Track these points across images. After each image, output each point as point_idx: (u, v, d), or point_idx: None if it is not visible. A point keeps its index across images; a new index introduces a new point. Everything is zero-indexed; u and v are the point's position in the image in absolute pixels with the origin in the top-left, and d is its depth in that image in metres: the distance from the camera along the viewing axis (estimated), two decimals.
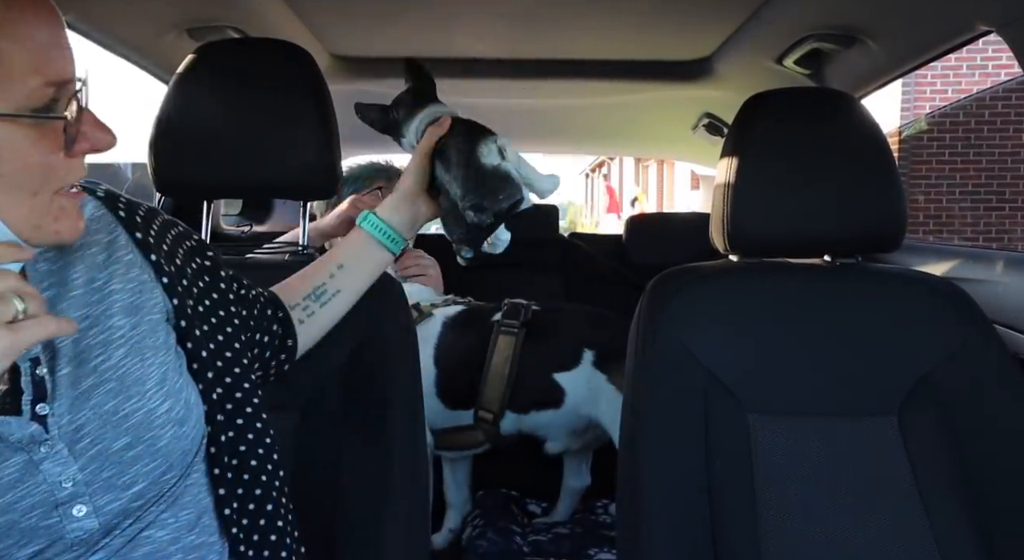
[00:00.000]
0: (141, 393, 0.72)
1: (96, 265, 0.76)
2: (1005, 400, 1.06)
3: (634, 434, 1.07)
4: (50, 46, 0.63)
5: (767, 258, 1.20)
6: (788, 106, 1.17)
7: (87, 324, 0.73)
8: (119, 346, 0.73)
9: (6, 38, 0.59)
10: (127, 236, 0.80)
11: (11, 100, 0.60)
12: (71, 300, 0.73)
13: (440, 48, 1.77)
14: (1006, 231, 7.43)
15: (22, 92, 0.61)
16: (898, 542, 1.01)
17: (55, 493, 0.66)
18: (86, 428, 0.69)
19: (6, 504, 0.64)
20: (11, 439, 0.65)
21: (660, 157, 11.15)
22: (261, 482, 0.83)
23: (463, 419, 1.78)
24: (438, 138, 1.00)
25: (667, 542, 1.00)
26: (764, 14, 1.45)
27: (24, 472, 0.65)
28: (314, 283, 0.98)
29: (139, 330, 0.75)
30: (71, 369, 0.70)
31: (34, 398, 0.67)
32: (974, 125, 7.46)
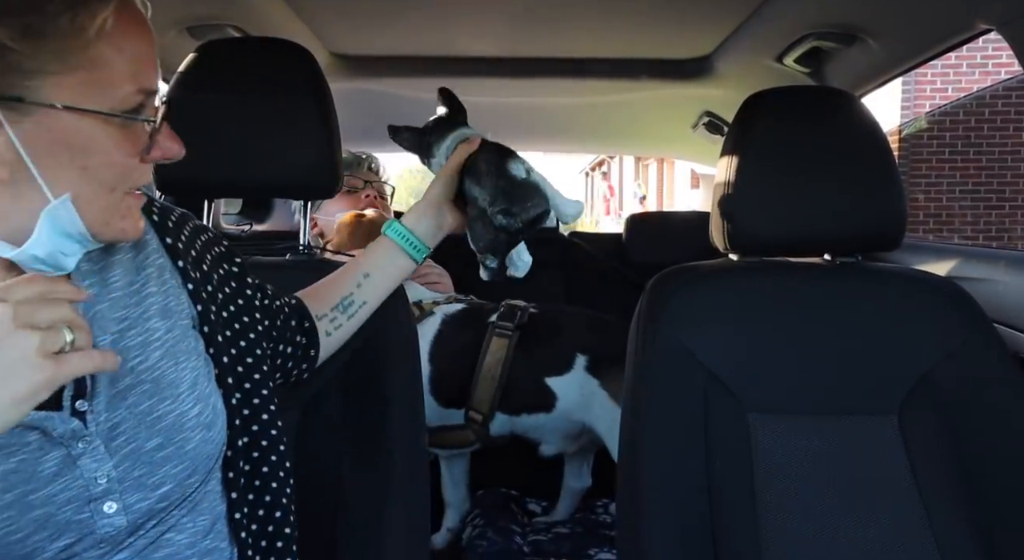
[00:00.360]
0: (174, 396, 0.74)
1: (133, 268, 0.78)
2: (1005, 399, 1.06)
3: (634, 433, 1.07)
4: (145, 58, 0.68)
5: (767, 257, 1.20)
6: (788, 105, 1.17)
7: (126, 325, 0.74)
8: (156, 348, 0.75)
9: (112, 46, 0.64)
10: (158, 240, 0.82)
11: (107, 101, 0.65)
12: (111, 301, 0.75)
13: (440, 47, 1.77)
14: (1006, 230, 7.43)
15: (117, 96, 0.65)
16: (898, 541, 1.01)
17: (90, 488, 0.68)
18: (122, 427, 0.71)
19: (45, 497, 0.66)
20: (54, 433, 0.67)
21: (660, 156, 11.14)
22: (271, 489, 0.84)
23: (455, 418, 1.78)
24: (468, 154, 1.01)
25: (667, 541, 1.00)
26: (764, 12, 1.45)
27: (63, 466, 0.67)
28: (342, 293, 0.98)
29: (173, 334, 0.77)
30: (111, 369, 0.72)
31: (74, 394, 0.69)
32: (974, 124, 7.46)
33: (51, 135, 0.62)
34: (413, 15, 1.55)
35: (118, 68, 0.65)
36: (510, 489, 2.24)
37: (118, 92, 0.65)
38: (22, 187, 0.63)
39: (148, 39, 0.69)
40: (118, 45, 0.65)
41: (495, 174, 0.97)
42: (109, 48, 0.64)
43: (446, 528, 2.05)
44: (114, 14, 0.64)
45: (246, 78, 1.09)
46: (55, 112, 0.62)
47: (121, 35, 0.65)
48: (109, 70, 0.64)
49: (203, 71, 1.08)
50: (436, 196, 1.01)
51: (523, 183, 0.97)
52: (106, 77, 0.64)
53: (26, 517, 0.64)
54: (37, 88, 0.61)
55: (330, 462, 1.02)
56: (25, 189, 0.63)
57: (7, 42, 0.58)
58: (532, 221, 0.97)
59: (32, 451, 0.66)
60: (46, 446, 0.66)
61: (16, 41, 0.58)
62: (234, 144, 1.08)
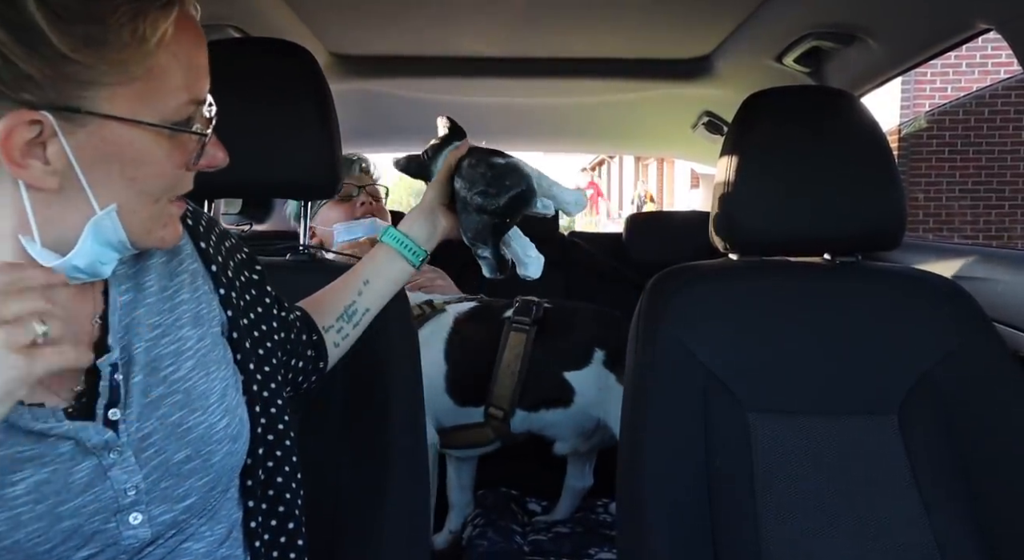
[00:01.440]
0: (204, 407, 0.73)
1: (167, 273, 0.78)
2: (1005, 398, 1.06)
3: (634, 433, 1.07)
4: (199, 67, 0.68)
5: (767, 257, 1.20)
6: (788, 104, 1.17)
7: (159, 333, 0.74)
8: (188, 358, 0.74)
9: (170, 57, 0.63)
10: (192, 245, 0.81)
11: (161, 112, 0.64)
12: (147, 306, 0.74)
13: (440, 47, 1.77)
14: (1006, 229, 7.43)
15: (170, 106, 0.64)
16: (898, 540, 1.01)
17: (119, 500, 0.67)
18: (152, 438, 0.70)
19: (75, 508, 0.65)
20: (88, 444, 0.66)
21: (660, 155, 11.14)
22: (285, 500, 0.84)
23: (472, 416, 1.78)
24: (457, 158, 1.02)
25: (667, 540, 1.00)
26: (764, 12, 1.45)
27: (94, 477, 0.66)
28: (344, 302, 0.98)
29: (204, 342, 0.77)
30: (143, 377, 0.71)
31: (107, 403, 0.68)
32: (974, 123, 7.46)
33: (104, 146, 0.62)
34: (413, 15, 1.55)
35: (174, 79, 0.64)
36: (510, 489, 2.24)
37: (172, 103, 0.64)
38: (70, 195, 0.62)
39: (203, 48, 0.68)
40: (175, 55, 0.64)
41: (476, 165, 0.97)
42: (167, 59, 0.63)
43: (448, 530, 2.05)
44: (175, 21, 0.63)
45: (246, 78, 1.09)
46: (109, 123, 0.61)
47: (178, 45, 0.64)
48: (165, 81, 0.64)
49: None
50: (430, 201, 1.01)
51: (501, 166, 0.96)
52: (162, 88, 0.63)
53: (55, 528, 0.64)
54: (93, 98, 0.60)
55: (330, 462, 1.02)
56: (72, 198, 0.62)
57: (68, 52, 0.57)
58: (513, 201, 0.95)
59: (64, 462, 0.65)
60: (78, 456, 0.65)
61: (77, 51, 0.57)
62: (234, 144, 1.07)
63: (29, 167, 0.59)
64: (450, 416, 1.79)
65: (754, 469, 1.04)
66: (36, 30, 0.56)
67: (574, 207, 1.02)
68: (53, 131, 0.59)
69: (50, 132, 0.59)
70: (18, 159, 0.59)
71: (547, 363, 1.73)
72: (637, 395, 1.09)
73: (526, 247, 1.02)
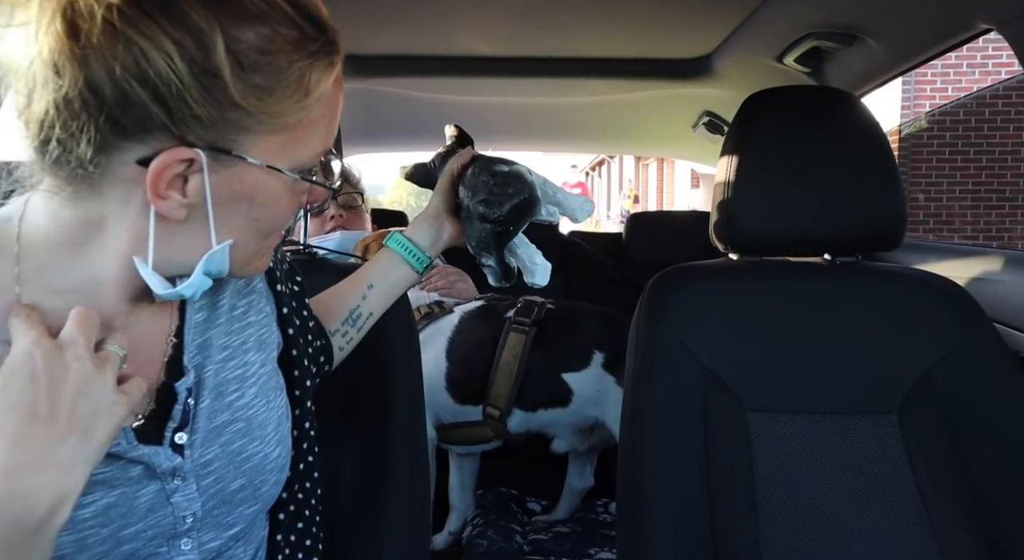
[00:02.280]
0: (263, 437, 0.73)
1: (237, 291, 0.78)
2: (1005, 398, 1.06)
3: (634, 432, 1.07)
4: (335, 121, 0.68)
5: (767, 257, 1.20)
6: (788, 104, 1.17)
7: (226, 355, 0.73)
8: (252, 384, 0.74)
9: (320, 109, 0.64)
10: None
11: (299, 161, 0.64)
12: (218, 327, 0.74)
13: (441, 46, 1.77)
14: (1006, 230, 7.43)
15: (307, 155, 0.65)
16: (898, 541, 1.01)
17: (177, 526, 0.67)
18: (213, 465, 0.69)
19: (136, 532, 0.64)
20: (158, 469, 0.65)
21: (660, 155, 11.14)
22: (305, 516, 0.84)
23: (471, 415, 1.78)
24: (460, 164, 1.01)
25: (667, 540, 1.00)
26: (764, 12, 1.45)
27: (156, 502, 0.66)
28: (349, 306, 0.98)
29: (266, 369, 0.76)
30: (210, 401, 0.70)
31: (177, 427, 0.67)
32: (974, 124, 7.46)
33: (240, 187, 0.62)
34: (413, 15, 1.55)
35: (319, 131, 0.65)
36: (510, 489, 2.24)
37: (309, 153, 0.65)
38: (194, 227, 0.62)
39: (341, 102, 0.68)
40: (325, 108, 0.64)
41: (479, 173, 0.97)
42: (318, 111, 0.63)
43: (448, 531, 2.05)
44: (335, 79, 0.63)
45: None
46: (251, 167, 0.61)
47: (330, 99, 0.64)
48: (311, 132, 0.64)
49: None
50: (434, 207, 1.01)
51: (504, 174, 0.96)
52: (307, 138, 0.64)
53: (116, 551, 0.63)
54: (244, 142, 0.60)
55: (330, 462, 1.02)
56: (195, 230, 0.62)
57: (238, 99, 0.57)
58: (516, 209, 0.94)
59: (132, 485, 0.64)
60: (144, 480, 0.65)
61: (246, 99, 0.58)
62: None
63: (168, 199, 0.59)
64: (449, 413, 1.79)
65: (754, 469, 1.04)
66: (218, 75, 0.56)
67: (580, 213, 1.00)
68: (199, 168, 0.59)
69: (196, 168, 0.59)
70: (162, 191, 0.59)
71: (545, 364, 1.73)
72: (637, 395, 1.09)
73: (532, 254, 1.01)
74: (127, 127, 0.56)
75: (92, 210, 0.61)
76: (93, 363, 0.57)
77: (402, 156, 4.63)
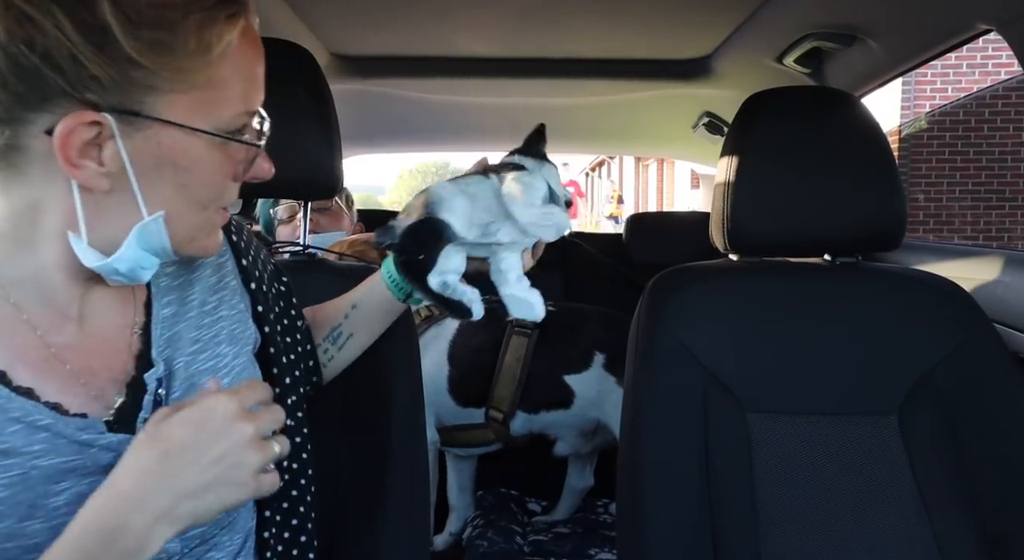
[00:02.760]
0: None
1: (208, 287, 0.78)
2: (1005, 399, 1.06)
3: (634, 433, 1.07)
4: (257, 79, 0.68)
5: (767, 257, 1.20)
6: (788, 105, 1.16)
7: (198, 348, 0.74)
8: (224, 375, 0.74)
9: (231, 67, 0.64)
10: (234, 262, 0.81)
11: (215, 121, 0.64)
12: (188, 321, 0.74)
13: (440, 47, 1.77)
14: (1006, 230, 7.43)
15: (226, 116, 0.65)
16: (898, 542, 1.01)
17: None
18: None
19: None
20: None
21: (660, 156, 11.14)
22: (299, 513, 0.84)
23: (474, 417, 1.78)
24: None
25: (667, 540, 1.00)
26: (764, 13, 1.45)
27: None
28: (332, 323, 0.97)
29: (239, 361, 0.77)
30: (181, 393, 0.71)
31: (147, 417, 0.68)
32: (974, 124, 7.46)
33: (159, 151, 0.61)
34: (413, 15, 1.55)
35: (232, 89, 0.64)
36: (510, 489, 2.24)
37: (227, 113, 0.65)
38: (120, 198, 0.62)
39: (262, 60, 0.69)
40: (236, 66, 0.64)
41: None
42: (228, 69, 0.63)
43: (448, 532, 2.05)
44: (240, 32, 0.63)
45: None
46: (167, 128, 0.61)
47: (240, 56, 0.64)
48: (224, 91, 0.64)
49: None
50: None
51: (421, 193, 0.86)
52: (220, 97, 0.64)
53: None
54: (153, 103, 0.60)
55: (330, 462, 1.02)
56: (122, 201, 0.62)
57: (135, 56, 0.57)
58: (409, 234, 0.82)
59: (104, 473, 0.64)
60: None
61: (143, 56, 0.57)
62: None
63: (83, 167, 0.59)
64: (451, 415, 1.79)
65: (754, 469, 1.04)
66: (107, 32, 0.56)
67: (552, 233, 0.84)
68: (111, 133, 0.59)
69: (108, 134, 0.59)
70: (74, 159, 0.59)
71: (547, 366, 1.74)
72: (637, 395, 1.09)
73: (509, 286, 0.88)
74: (25, 96, 0.56)
75: (24, 195, 0.61)
76: (256, 446, 0.60)
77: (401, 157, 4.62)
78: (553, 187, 0.87)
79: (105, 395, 0.67)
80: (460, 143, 2.96)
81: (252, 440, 0.60)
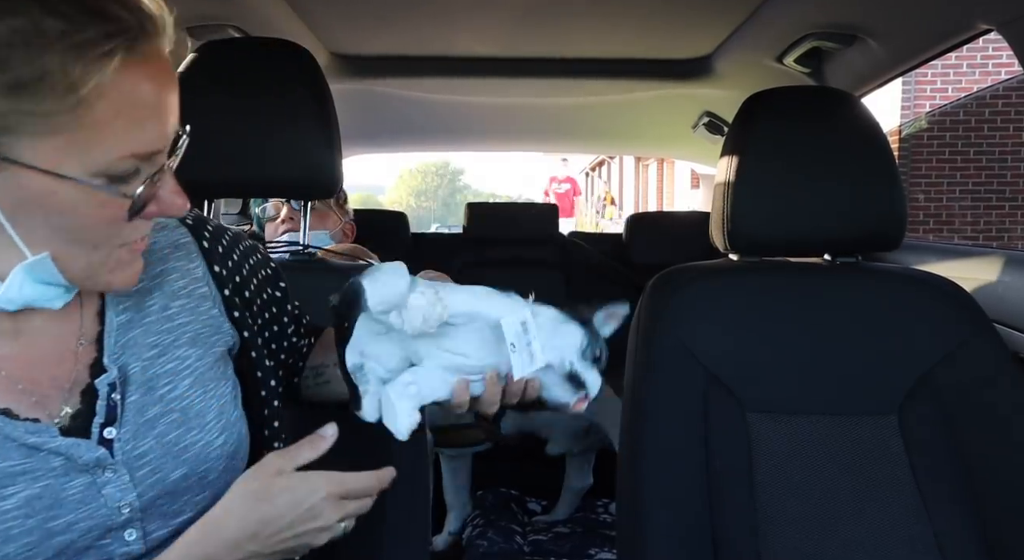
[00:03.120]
0: (201, 426, 0.73)
1: (171, 293, 0.77)
2: (1005, 399, 1.06)
3: (634, 433, 1.07)
4: (152, 114, 0.60)
5: (767, 257, 1.20)
6: (788, 105, 1.17)
7: (157, 352, 0.73)
8: (186, 376, 0.74)
9: (109, 105, 0.57)
10: (205, 267, 0.80)
11: (88, 164, 0.58)
12: (144, 326, 0.74)
13: (440, 46, 1.77)
14: (1006, 230, 7.43)
15: (103, 159, 0.58)
16: (898, 542, 1.01)
17: (113, 518, 0.67)
18: (148, 456, 0.70)
19: (66, 524, 0.65)
20: (79, 461, 0.66)
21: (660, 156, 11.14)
22: None
23: (463, 417, 1.78)
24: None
25: (667, 541, 1.00)
26: (764, 13, 1.45)
27: (86, 494, 0.66)
28: (320, 360, 0.95)
29: (204, 361, 0.76)
30: (139, 396, 0.71)
31: (104, 422, 0.68)
32: (974, 124, 7.45)
33: (21, 193, 0.57)
34: (413, 15, 1.55)
35: (112, 130, 0.58)
36: (510, 489, 2.24)
37: (106, 156, 0.58)
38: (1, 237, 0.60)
39: (161, 90, 0.61)
40: (116, 106, 0.57)
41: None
42: (104, 109, 0.56)
43: (448, 532, 2.05)
44: (120, 71, 0.57)
45: (246, 78, 1.09)
46: (27, 171, 0.56)
47: (120, 94, 0.57)
48: (100, 132, 0.57)
49: (203, 71, 1.08)
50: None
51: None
52: (97, 140, 0.57)
53: (47, 543, 0.64)
54: (13, 145, 0.55)
55: (330, 462, 1.02)
56: (2, 240, 0.60)
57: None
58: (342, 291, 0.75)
59: (56, 477, 0.65)
60: (72, 473, 0.65)
61: (1, 95, 0.54)
62: (234, 144, 1.08)
63: None
64: (440, 416, 1.79)
65: (754, 469, 1.04)
66: None
67: (418, 320, 0.71)
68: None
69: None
70: None
71: None
72: (637, 396, 1.08)
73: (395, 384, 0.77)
74: None
75: None
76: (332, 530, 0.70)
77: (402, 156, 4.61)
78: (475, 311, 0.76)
79: (50, 403, 0.67)
80: (460, 143, 2.96)
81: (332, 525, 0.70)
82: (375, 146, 2.84)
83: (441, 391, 0.78)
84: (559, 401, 0.79)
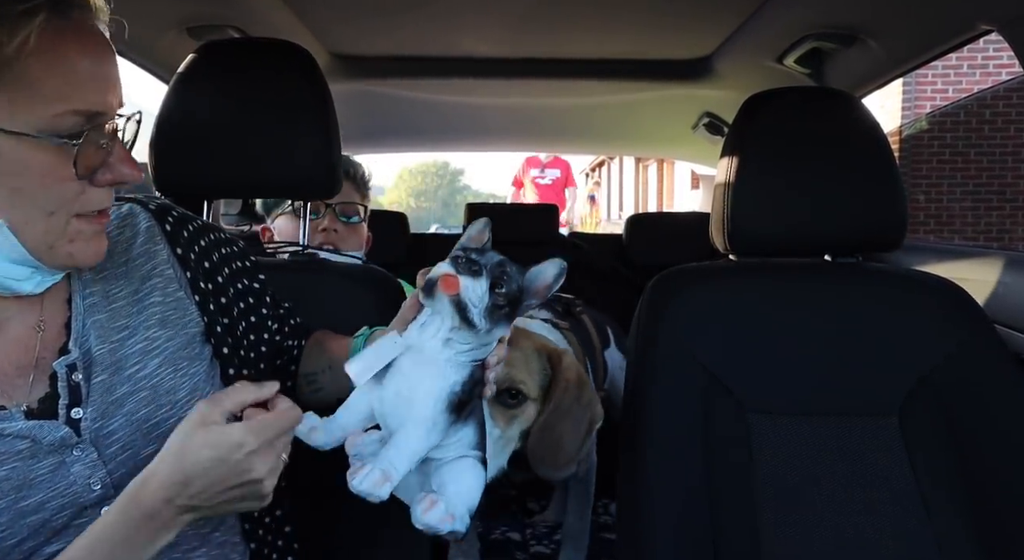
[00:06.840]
0: (172, 403, 0.74)
1: (139, 277, 0.78)
2: (1005, 400, 1.06)
3: (635, 433, 1.07)
4: (87, 77, 0.64)
5: (767, 257, 1.20)
6: (788, 105, 1.16)
7: (126, 334, 0.74)
8: (155, 356, 0.75)
9: (41, 63, 0.61)
10: (169, 250, 0.81)
11: (33, 122, 0.61)
12: (111, 311, 0.75)
13: (440, 47, 1.77)
14: (1007, 231, 7.43)
15: (46, 116, 0.62)
16: (898, 542, 1.00)
17: (84, 495, 0.68)
18: (117, 434, 0.71)
19: (37, 503, 0.66)
20: (44, 442, 0.67)
21: (660, 156, 11.13)
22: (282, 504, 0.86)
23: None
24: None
25: (667, 541, 1.00)
26: (764, 13, 1.45)
27: (54, 473, 0.67)
28: (313, 367, 0.95)
29: (175, 342, 0.77)
30: (107, 377, 0.72)
31: (69, 403, 0.69)
32: (975, 124, 7.45)
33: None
34: (413, 16, 1.55)
35: (47, 88, 0.62)
36: (509, 489, 2.23)
37: (46, 113, 0.62)
38: None
39: (96, 54, 0.65)
40: (48, 63, 0.61)
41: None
42: (37, 66, 0.61)
43: None
44: (48, 31, 0.61)
45: (246, 79, 1.09)
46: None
47: (52, 53, 0.61)
48: (35, 90, 0.61)
49: (203, 71, 1.09)
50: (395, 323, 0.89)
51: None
52: (32, 97, 0.61)
53: (21, 523, 0.65)
54: None
55: (329, 462, 1.02)
56: None
57: None
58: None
59: (23, 459, 0.66)
60: (39, 454, 0.67)
61: None
62: (234, 144, 1.08)
63: None
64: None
65: (754, 469, 1.04)
66: None
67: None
68: None
69: None
70: None
71: None
72: (637, 396, 1.08)
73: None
74: None
75: None
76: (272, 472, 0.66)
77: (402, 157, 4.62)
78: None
79: (15, 389, 0.68)
80: (460, 143, 2.96)
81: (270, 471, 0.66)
82: (375, 146, 2.84)
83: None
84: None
